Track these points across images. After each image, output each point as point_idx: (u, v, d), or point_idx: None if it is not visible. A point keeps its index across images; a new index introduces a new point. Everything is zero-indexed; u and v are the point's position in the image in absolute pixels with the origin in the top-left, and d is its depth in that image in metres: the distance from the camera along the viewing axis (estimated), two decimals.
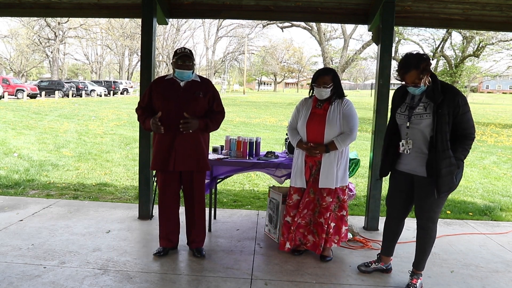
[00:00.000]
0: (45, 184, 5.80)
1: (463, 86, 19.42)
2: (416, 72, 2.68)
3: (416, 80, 2.69)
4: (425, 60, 2.71)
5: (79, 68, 66.10)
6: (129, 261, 3.29)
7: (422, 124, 2.74)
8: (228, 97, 39.29)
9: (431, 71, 2.76)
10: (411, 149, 2.82)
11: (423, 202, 2.85)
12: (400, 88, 2.95)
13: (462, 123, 2.70)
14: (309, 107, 3.37)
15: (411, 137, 2.81)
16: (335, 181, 3.27)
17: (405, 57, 2.75)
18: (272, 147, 9.47)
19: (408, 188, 2.95)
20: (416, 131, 2.79)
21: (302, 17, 5.06)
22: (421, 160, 2.80)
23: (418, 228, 2.94)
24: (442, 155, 2.67)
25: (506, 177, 7.65)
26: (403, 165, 2.92)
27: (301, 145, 3.32)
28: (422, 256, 2.96)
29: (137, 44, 46.09)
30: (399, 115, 2.89)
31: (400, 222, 3.10)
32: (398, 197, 3.03)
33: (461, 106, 2.67)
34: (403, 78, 2.75)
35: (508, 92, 72.35)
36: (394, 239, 3.16)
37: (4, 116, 14.73)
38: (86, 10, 4.68)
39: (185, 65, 3.17)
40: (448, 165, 2.68)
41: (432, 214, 2.85)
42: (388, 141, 3.01)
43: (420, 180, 2.84)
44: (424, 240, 2.92)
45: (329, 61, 30.63)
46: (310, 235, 3.43)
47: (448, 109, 2.66)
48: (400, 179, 2.97)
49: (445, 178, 2.68)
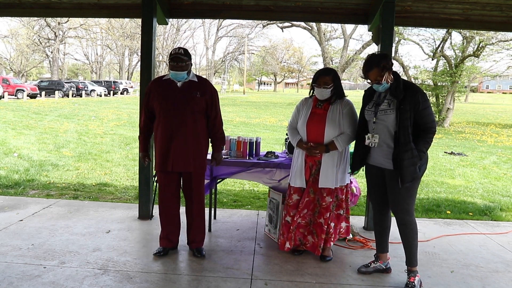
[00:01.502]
0: (45, 184, 5.80)
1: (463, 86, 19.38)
2: (377, 70, 2.89)
3: (378, 77, 2.90)
4: (386, 58, 2.93)
5: (79, 68, 66.08)
6: (129, 261, 3.29)
7: (387, 119, 2.93)
8: (228, 97, 39.29)
9: (392, 69, 2.96)
10: (378, 143, 2.98)
11: (394, 195, 2.99)
12: (369, 88, 3.15)
13: (423, 118, 2.89)
14: (309, 107, 3.37)
15: (377, 132, 2.99)
16: (335, 181, 3.27)
17: (368, 57, 3.01)
18: (272, 147, 9.47)
19: (382, 182, 3.10)
20: (382, 126, 2.96)
21: (302, 17, 5.07)
22: (387, 153, 2.97)
23: (398, 224, 3.04)
24: (405, 147, 2.85)
25: (506, 177, 7.65)
26: (373, 158, 3.09)
27: (301, 145, 3.32)
28: (410, 251, 3.04)
29: (137, 44, 46.06)
30: (367, 111, 3.08)
31: (385, 216, 3.20)
32: (375, 191, 3.18)
33: (421, 102, 2.86)
34: (366, 76, 2.97)
35: (508, 92, 72.33)
36: (384, 234, 3.22)
37: (4, 116, 14.73)
38: (86, 10, 4.67)
39: (178, 66, 3.16)
40: (410, 156, 2.85)
41: (406, 206, 2.98)
42: (358, 137, 3.19)
43: (389, 173, 2.99)
44: (406, 234, 3.03)
45: (329, 61, 30.61)
46: (309, 236, 3.43)
47: (409, 105, 2.85)
48: (373, 172, 3.13)
49: (408, 168, 2.85)
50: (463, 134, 15.60)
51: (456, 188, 6.56)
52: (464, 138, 14.33)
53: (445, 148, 11.26)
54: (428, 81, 19.83)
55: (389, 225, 3.22)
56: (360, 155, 3.16)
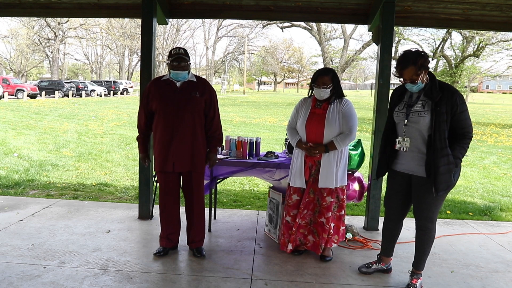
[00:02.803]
0: (45, 184, 5.80)
1: (463, 86, 19.41)
2: (413, 68, 2.68)
3: (413, 76, 2.70)
4: (423, 56, 2.71)
5: (79, 68, 66.12)
6: (129, 261, 3.29)
7: (420, 122, 2.73)
8: (228, 97, 39.29)
9: (429, 68, 2.77)
10: (409, 147, 2.81)
11: (422, 202, 2.84)
12: (399, 87, 2.96)
13: (460, 122, 2.70)
14: (308, 107, 3.37)
15: (408, 135, 2.80)
16: (334, 181, 3.27)
17: (403, 54, 2.77)
18: (272, 147, 9.46)
19: (406, 189, 2.95)
20: (414, 129, 2.78)
21: (302, 17, 5.07)
22: (419, 160, 2.79)
23: (417, 228, 2.94)
24: (440, 153, 2.66)
25: (506, 177, 7.65)
26: (401, 165, 2.92)
27: (300, 145, 3.32)
28: (421, 256, 2.96)
29: (137, 44, 46.08)
30: (397, 113, 2.89)
31: (398, 223, 3.10)
32: (396, 198, 3.02)
33: (459, 104, 2.67)
34: (401, 74, 2.75)
35: (508, 92, 72.35)
36: (393, 240, 3.16)
37: (4, 116, 14.73)
38: (86, 10, 4.67)
39: (180, 66, 3.17)
40: (447, 163, 2.67)
41: (430, 214, 2.84)
42: (385, 141, 3.00)
43: (418, 180, 2.83)
44: (423, 240, 2.92)
45: (329, 61, 30.62)
46: (310, 235, 3.43)
47: (446, 108, 2.66)
48: (398, 179, 2.97)
49: (443, 176, 2.67)
50: None
51: (456, 188, 6.55)
52: None
53: None
54: None
55: (400, 232, 3.13)
56: (386, 159, 2.97)
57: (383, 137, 3.03)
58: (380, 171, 3.07)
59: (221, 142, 3.46)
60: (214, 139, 3.39)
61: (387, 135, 2.98)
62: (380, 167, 3.05)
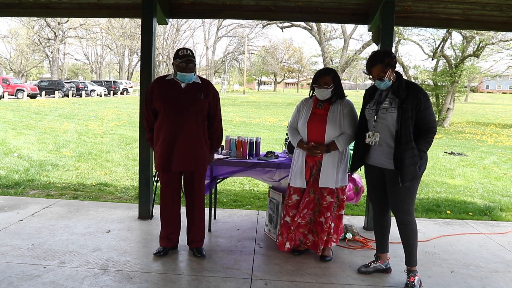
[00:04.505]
0: (45, 184, 5.80)
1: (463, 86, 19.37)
2: (380, 66, 2.89)
3: (380, 73, 2.90)
4: (390, 55, 2.94)
5: (79, 68, 66.10)
6: (129, 261, 3.29)
7: (388, 118, 2.92)
8: (228, 97, 39.29)
9: (396, 67, 2.96)
10: (378, 142, 2.98)
11: (395, 195, 2.99)
12: (370, 87, 3.17)
13: (425, 118, 2.89)
14: (309, 107, 3.37)
15: (377, 130, 2.98)
16: (335, 181, 3.28)
17: (372, 53, 3.03)
18: (272, 147, 9.47)
19: (381, 182, 3.10)
20: (383, 125, 2.96)
21: (302, 17, 5.08)
22: (388, 153, 2.96)
23: (398, 224, 3.04)
24: (406, 146, 2.85)
25: (506, 177, 7.65)
26: (373, 158, 3.08)
27: (302, 145, 3.32)
28: (410, 251, 3.04)
29: (137, 44, 46.06)
30: (368, 110, 3.08)
31: (385, 216, 3.20)
32: (375, 191, 3.18)
33: (423, 102, 2.87)
34: (369, 72, 2.96)
35: (508, 92, 72.32)
36: (384, 234, 3.22)
37: (4, 116, 14.73)
38: (86, 10, 4.67)
39: (188, 68, 3.17)
40: (412, 155, 2.85)
41: (406, 206, 2.98)
42: (357, 137, 3.18)
43: (389, 173, 2.98)
44: (406, 234, 3.03)
45: (329, 61, 30.60)
46: (310, 234, 3.43)
47: (411, 105, 2.85)
48: (373, 173, 3.13)
49: (409, 168, 2.85)
50: (463, 134, 15.60)
51: (456, 188, 6.56)
52: (464, 138, 14.33)
53: (445, 148, 11.26)
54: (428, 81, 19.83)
55: (389, 225, 3.22)
56: (359, 155, 3.16)
57: (357, 134, 3.21)
58: (354, 165, 3.23)
59: (219, 144, 3.49)
60: (213, 140, 3.41)
61: (359, 132, 3.16)
62: (354, 161, 3.23)
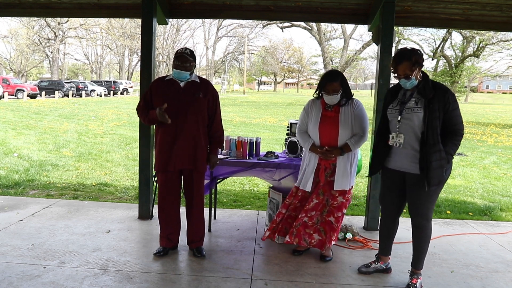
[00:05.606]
0: (45, 184, 5.80)
1: (463, 86, 19.44)
2: (408, 64, 2.76)
3: (407, 71, 2.76)
4: (417, 53, 2.80)
5: (79, 68, 66.11)
6: (129, 261, 3.29)
7: (414, 119, 2.79)
8: (228, 97, 39.29)
9: (423, 66, 2.85)
10: (402, 144, 2.85)
11: (416, 199, 2.88)
12: (393, 86, 3.04)
13: (452, 119, 2.77)
14: (318, 109, 3.33)
15: (401, 131, 2.85)
16: (349, 183, 3.29)
17: (399, 50, 2.86)
18: (272, 147, 9.47)
19: (400, 186, 2.98)
20: (407, 126, 2.82)
21: (302, 17, 5.07)
22: (412, 157, 2.83)
23: (413, 227, 2.97)
24: (433, 148, 2.72)
25: (506, 177, 7.64)
26: (394, 162, 2.95)
27: (315, 149, 3.28)
28: (419, 255, 2.98)
29: (137, 44, 46.06)
30: (391, 110, 2.94)
31: (394, 220, 3.13)
32: (390, 195, 3.06)
33: (451, 102, 2.74)
34: (395, 70, 2.83)
35: (508, 92, 72.33)
36: (390, 238, 3.18)
37: (4, 116, 14.73)
38: (86, 10, 4.68)
39: (183, 65, 3.17)
40: (439, 158, 2.73)
41: (425, 211, 2.88)
42: (378, 138, 3.05)
43: (411, 178, 2.87)
44: (419, 238, 2.95)
45: (329, 61, 30.62)
46: (316, 234, 3.39)
47: (438, 105, 2.73)
48: (391, 177, 3.00)
49: (436, 171, 2.73)
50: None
51: (456, 188, 6.56)
52: (464, 138, 14.24)
53: None
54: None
55: (396, 230, 3.16)
56: (379, 157, 3.01)
57: (376, 135, 3.08)
58: (373, 169, 3.10)
59: (221, 144, 3.47)
60: (215, 140, 3.39)
61: (380, 133, 3.03)
62: (373, 165, 3.09)
